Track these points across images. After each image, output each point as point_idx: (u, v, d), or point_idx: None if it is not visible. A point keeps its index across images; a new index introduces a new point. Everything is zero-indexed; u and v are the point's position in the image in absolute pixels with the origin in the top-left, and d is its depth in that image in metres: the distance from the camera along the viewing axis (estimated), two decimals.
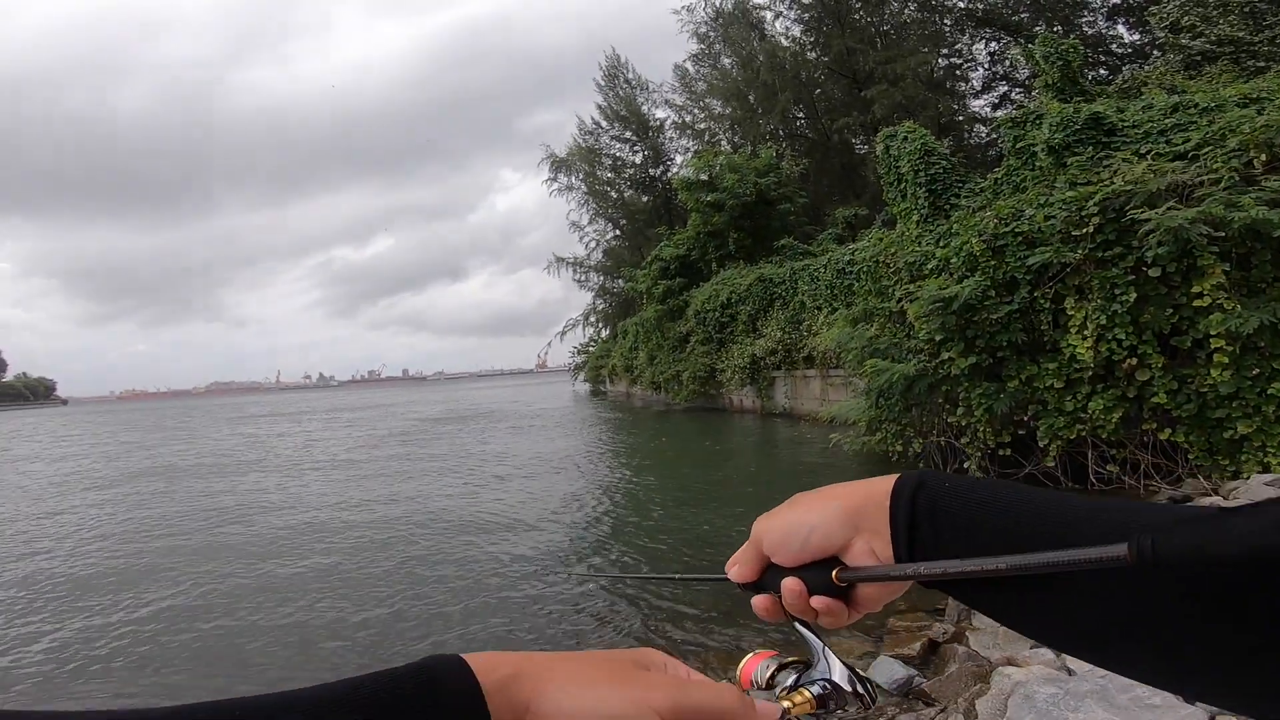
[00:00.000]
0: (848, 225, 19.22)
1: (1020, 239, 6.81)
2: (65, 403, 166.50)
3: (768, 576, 0.52)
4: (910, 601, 4.11)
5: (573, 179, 35.67)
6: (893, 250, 9.13)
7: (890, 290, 8.98)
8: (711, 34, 28.72)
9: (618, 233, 36.19)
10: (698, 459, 11.97)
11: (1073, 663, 2.92)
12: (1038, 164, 8.97)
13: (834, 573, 0.49)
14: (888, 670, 3.20)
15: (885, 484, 0.48)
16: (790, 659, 0.56)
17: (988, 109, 23.63)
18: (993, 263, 6.92)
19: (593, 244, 36.70)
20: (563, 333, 39.94)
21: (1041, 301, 6.65)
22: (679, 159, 33.46)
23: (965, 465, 7.51)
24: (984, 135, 22.77)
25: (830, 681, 0.52)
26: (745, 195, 20.80)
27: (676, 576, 0.77)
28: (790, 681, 0.54)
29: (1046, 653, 3.11)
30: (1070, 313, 6.48)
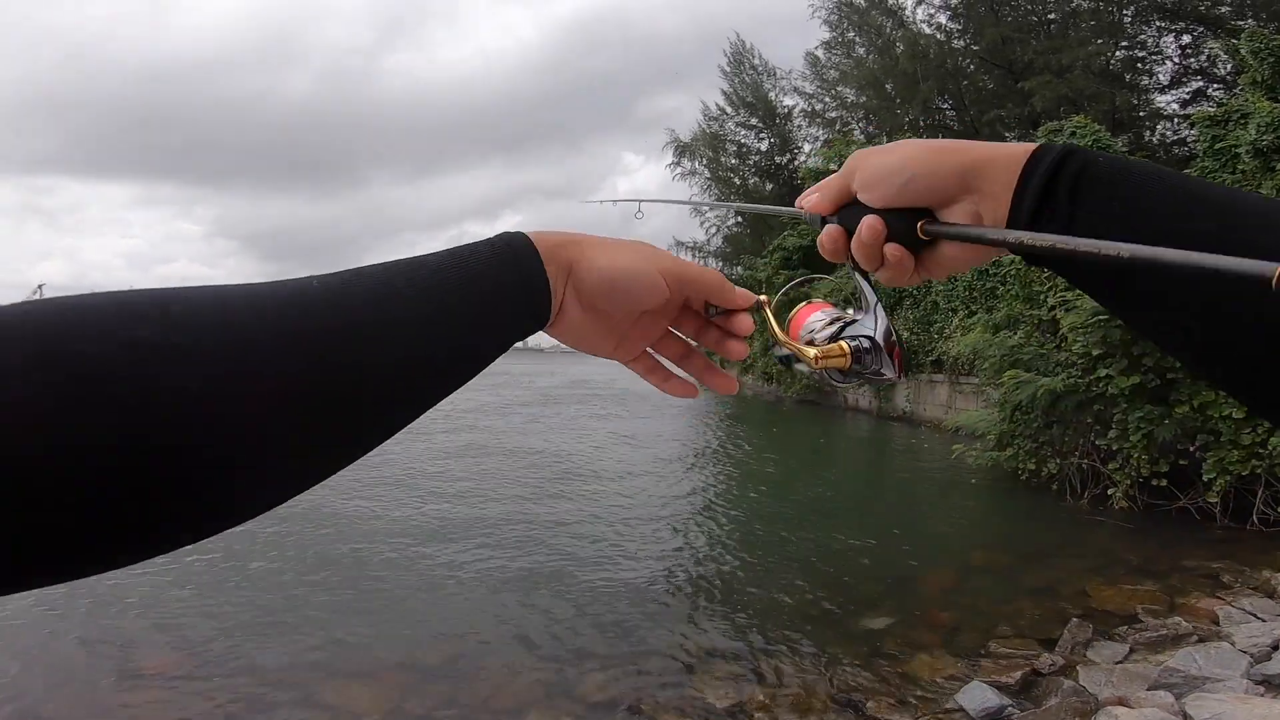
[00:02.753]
0: None
1: None
2: None
3: (846, 212, 0.48)
4: (1018, 627, 3.87)
5: (696, 164, 35.43)
6: None
7: (1041, 297, 8.36)
8: (844, 21, 27.39)
9: (740, 219, 35.71)
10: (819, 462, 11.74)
11: (1192, 708, 2.66)
12: (1240, 167, 7.99)
13: (920, 224, 0.44)
14: (978, 697, 3.01)
15: (1020, 148, 0.43)
16: (840, 316, 0.53)
17: (1175, 105, 21.15)
18: None
19: (713, 229, 36.39)
20: None
21: None
22: (807, 147, 32.36)
23: (1109, 492, 6.95)
24: (1171, 133, 20.41)
25: (871, 339, 0.50)
26: None
27: (736, 205, 0.64)
28: (829, 332, 0.51)
29: (1165, 695, 2.84)
30: None
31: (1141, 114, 21.14)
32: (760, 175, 34.81)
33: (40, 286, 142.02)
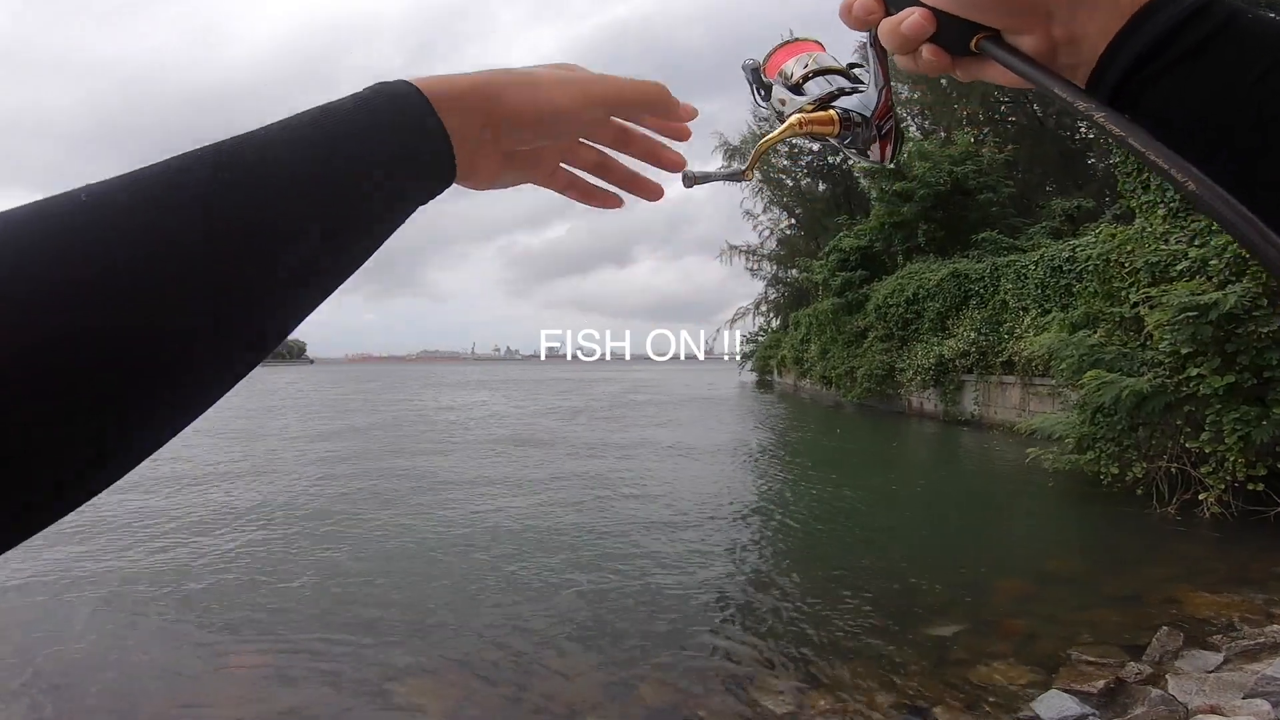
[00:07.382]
0: (1067, 219, 17.10)
1: None
2: (312, 362, 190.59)
3: None
4: (1100, 635, 3.65)
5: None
6: (1130, 248, 8.00)
7: (1123, 293, 7.91)
8: None
9: (793, 221, 35.22)
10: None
11: None
12: None
13: (977, 38, 0.36)
14: (1057, 705, 2.88)
15: None
16: (836, 67, 0.47)
17: None
18: None
19: (766, 232, 35.97)
20: (732, 320, 39.76)
21: None
22: None
23: (1200, 498, 6.51)
24: None
25: (866, 116, 0.45)
26: (938, 184, 19.25)
27: None
28: (819, 92, 0.46)
29: (1261, 703, 2.63)
30: None
31: None
32: (813, 175, 34.29)
33: None
